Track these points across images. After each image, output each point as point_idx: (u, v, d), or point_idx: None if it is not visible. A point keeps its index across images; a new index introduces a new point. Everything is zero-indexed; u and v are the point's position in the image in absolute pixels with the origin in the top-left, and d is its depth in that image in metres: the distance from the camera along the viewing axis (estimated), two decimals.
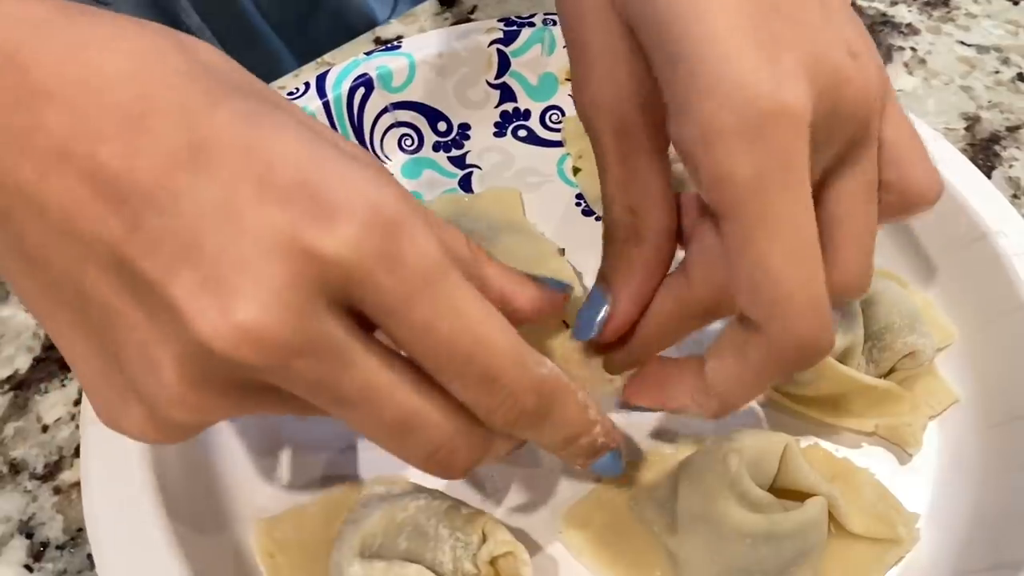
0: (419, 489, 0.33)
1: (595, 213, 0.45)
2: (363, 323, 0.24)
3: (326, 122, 0.45)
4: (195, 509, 0.34)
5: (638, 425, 0.37)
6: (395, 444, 0.25)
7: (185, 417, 0.24)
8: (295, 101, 0.45)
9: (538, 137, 0.49)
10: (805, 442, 0.37)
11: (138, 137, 0.22)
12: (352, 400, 0.24)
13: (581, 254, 0.44)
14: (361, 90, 0.46)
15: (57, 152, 0.22)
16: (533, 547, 0.34)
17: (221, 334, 0.21)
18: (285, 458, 0.37)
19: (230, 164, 0.22)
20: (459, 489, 0.35)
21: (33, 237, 0.23)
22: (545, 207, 0.46)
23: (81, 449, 0.33)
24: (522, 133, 0.48)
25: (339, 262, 0.22)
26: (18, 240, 0.23)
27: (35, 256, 0.23)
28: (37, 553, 0.36)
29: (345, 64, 0.47)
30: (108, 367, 0.24)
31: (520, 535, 0.34)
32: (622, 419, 0.27)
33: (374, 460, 0.36)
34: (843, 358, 0.36)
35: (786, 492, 0.33)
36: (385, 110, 0.47)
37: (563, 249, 0.43)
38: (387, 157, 0.48)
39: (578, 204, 0.46)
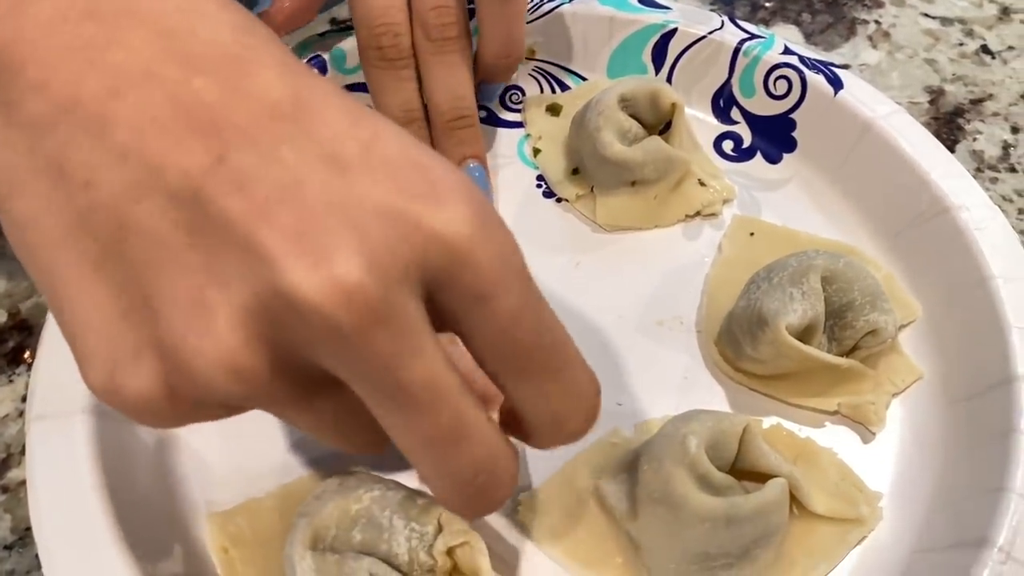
0: (374, 480, 0.32)
1: (555, 195, 0.45)
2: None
3: None
4: (145, 504, 0.33)
5: None
6: (439, 457, 0.23)
7: (211, 377, 0.21)
8: None
9: (498, 118, 0.48)
10: (768, 422, 0.37)
11: (239, 78, 0.21)
12: (413, 393, 0.21)
13: (542, 237, 0.43)
14: (315, 71, 0.45)
15: (139, 71, 0.21)
16: (492, 535, 0.34)
17: (313, 284, 0.20)
18: (239, 451, 0.36)
19: (335, 126, 0.22)
20: (415, 478, 0.34)
21: (80, 155, 0.21)
22: (505, 189, 0.45)
23: (26, 446, 0.33)
24: (482, 114, 0.47)
25: (447, 238, 0.21)
26: (55, 156, 0.21)
27: (75, 176, 0.21)
28: None
29: (299, 44, 0.46)
30: (128, 313, 0.21)
31: (478, 524, 0.34)
32: None
33: (330, 453, 0.36)
34: (804, 336, 0.36)
35: (748, 473, 0.33)
36: None
37: None
38: None
39: (539, 186, 0.45)
